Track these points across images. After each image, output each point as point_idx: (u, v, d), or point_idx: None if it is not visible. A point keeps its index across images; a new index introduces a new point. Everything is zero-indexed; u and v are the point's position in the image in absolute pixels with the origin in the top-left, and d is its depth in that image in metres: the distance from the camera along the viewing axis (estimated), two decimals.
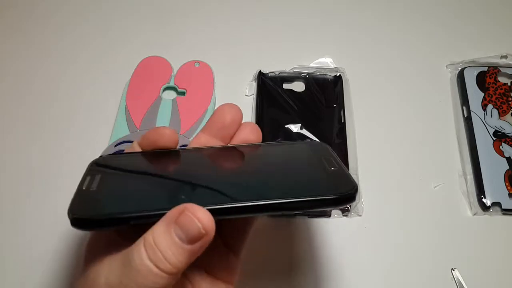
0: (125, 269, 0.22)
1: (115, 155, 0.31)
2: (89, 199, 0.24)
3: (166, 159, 0.28)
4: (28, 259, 0.38)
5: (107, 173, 0.26)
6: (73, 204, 0.23)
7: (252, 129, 0.29)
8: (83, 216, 0.23)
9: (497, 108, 0.44)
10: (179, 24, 0.51)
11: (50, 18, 0.52)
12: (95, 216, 0.23)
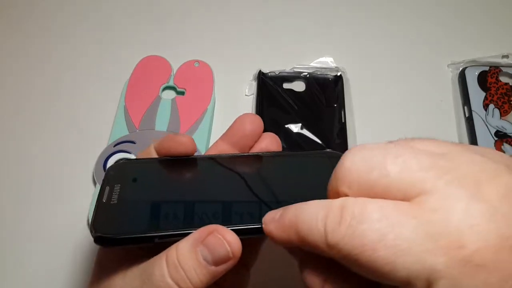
0: (144, 284, 0.21)
1: (132, 161, 0.29)
2: (111, 215, 0.23)
3: (186, 168, 0.28)
4: (27, 260, 0.38)
5: (127, 183, 0.26)
6: (95, 220, 0.23)
7: (272, 140, 0.29)
8: (107, 234, 0.22)
9: (498, 108, 0.44)
10: (178, 23, 0.51)
11: (49, 18, 0.52)
12: (119, 235, 0.22)
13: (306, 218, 0.18)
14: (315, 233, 0.17)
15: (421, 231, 0.16)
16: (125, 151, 0.41)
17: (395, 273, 0.16)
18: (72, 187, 0.41)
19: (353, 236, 0.16)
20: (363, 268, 0.16)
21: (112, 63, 0.48)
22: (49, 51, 0.49)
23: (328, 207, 0.18)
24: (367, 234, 0.16)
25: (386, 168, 0.17)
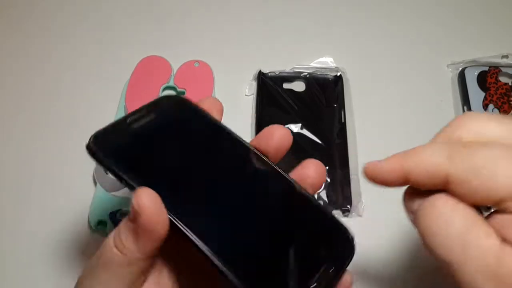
0: (99, 259, 0.23)
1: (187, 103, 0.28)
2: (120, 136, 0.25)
3: (216, 138, 0.26)
4: (27, 260, 0.38)
5: (160, 119, 0.26)
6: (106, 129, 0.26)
7: (316, 169, 0.27)
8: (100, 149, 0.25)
9: (498, 108, 0.44)
10: (178, 23, 0.51)
11: (49, 18, 0.52)
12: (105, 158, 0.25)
13: (425, 150, 0.21)
14: (439, 156, 0.21)
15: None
16: None
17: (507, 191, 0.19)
18: (72, 187, 0.41)
19: (478, 156, 0.20)
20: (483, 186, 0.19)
21: (112, 63, 0.48)
22: (49, 51, 0.49)
23: (445, 143, 0.22)
24: (492, 150, 0.20)
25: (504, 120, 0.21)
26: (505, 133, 0.21)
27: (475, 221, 0.20)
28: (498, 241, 0.19)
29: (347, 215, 0.39)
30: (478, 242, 0.19)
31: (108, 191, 0.39)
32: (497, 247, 0.19)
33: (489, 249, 0.19)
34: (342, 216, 0.39)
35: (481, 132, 0.21)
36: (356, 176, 0.40)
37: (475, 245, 0.19)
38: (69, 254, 0.38)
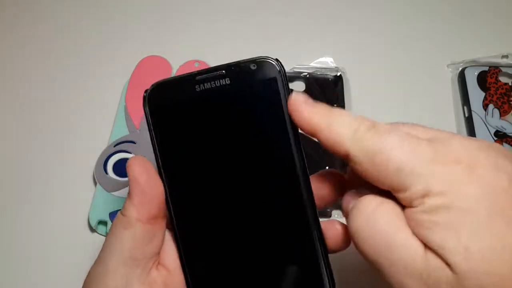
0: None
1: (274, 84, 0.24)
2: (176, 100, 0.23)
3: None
4: (27, 260, 0.38)
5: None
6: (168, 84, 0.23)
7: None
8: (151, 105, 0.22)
9: (498, 108, 0.44)
10: (178, 23, 0.51)
11: (49, 18, 0.52)
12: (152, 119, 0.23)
13: (342, 117, 0.21)
14: (347, 128, 0.21)
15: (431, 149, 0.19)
16: (126, 151, 0.41)
17: (403, 173, 0.19)
18: (72, 187, 0.41)
19: (379, 139, 0.20)
20: (376, 166, 0.20)
21: (112, 63, 0.48)
22: (49, 51, 0.49)
23: (364, 118, 0.21)
24: (391, 137, 0.20)
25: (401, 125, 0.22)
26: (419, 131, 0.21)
27: (400, 220, 0.20)
28: (421, 244, 0.19)
29: None
30: (403, 243, 0.19)
31: (108, 191, 0.39)
32: (422, 251, 0.19)
33: (415, 251, 0.19)
34: (342, 216, 0.39)
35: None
36: None
37: (400, 246, 0.19)
38: (69, 254, 0.38)
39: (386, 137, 0.20)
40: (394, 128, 0.21)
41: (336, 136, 0.21)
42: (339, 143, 0.21)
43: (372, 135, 0.20)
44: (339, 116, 0.21)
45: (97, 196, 0.39)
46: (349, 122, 0.21)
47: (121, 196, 0.39)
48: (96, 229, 0.38)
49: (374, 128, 0.20)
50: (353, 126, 0.21)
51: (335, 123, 0.21)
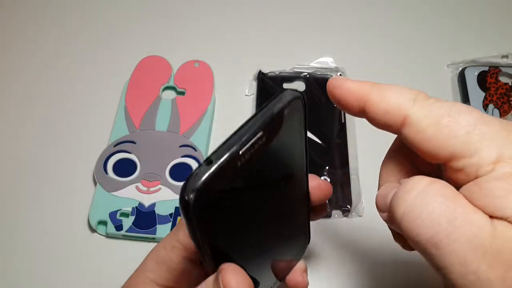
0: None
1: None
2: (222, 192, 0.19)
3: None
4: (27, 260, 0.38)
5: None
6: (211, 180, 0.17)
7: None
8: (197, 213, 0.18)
9: (498, 108, 0.44)
10: (178, 23, 0.51)
11: (49, 17, 0.52)
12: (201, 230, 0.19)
13: (393, 87, 0.21)
14: (404, 97, 0.20)
15: (499, 121, 0.19)
16: (125, 151, 0.41)
17: (472, 137, 0.18)
18: (72, 187, 0.41)
19: (442, 106, 0.19)
20: (441, 134, 0.19)
21: (112, 63, 0.48)
22: (49, 51, 0.49)
23: (416, 90, 0.21)
24: (456, 106, 0.19)
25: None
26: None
27: (457, 196, 0.18)
28: (487, 217, 0.17)
29: (347, 215, 0.39)
30: (467, 216, 0.17)
31: (108, 191, 0.39)
32: (488, 224, 0.17)
33: (480, 224, 0.17)
34: (342, 217, 0.39)
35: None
36: (356, 176, 0.40)
37: (464, 219, 0.17)
38: (69, 254, 0.38)
39: (452, 104, 0.19)
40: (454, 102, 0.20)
41: (391, 102, 0.20)
42: (396, 109, 0.20)
43: (435, 101, 0.20)
44: (389, 86, 0.21)
45: (97, 196, 0.39)
46: (404, 90, 0.21)
47: (121, 196, 0.39)
48: (96, 229, 0.38)
49: (433, 99, 0.20)
50: (410, 93, 0.20)
51: (388, 91, 0.21)
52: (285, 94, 0.20)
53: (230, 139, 0.18)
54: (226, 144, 0.18)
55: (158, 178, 0.39)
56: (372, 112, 0.21)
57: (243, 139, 0.18)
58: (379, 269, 0.37)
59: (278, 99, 0.20)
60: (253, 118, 0.19)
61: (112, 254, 0.38)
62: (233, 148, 0.18)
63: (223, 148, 0.18)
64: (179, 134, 0.42)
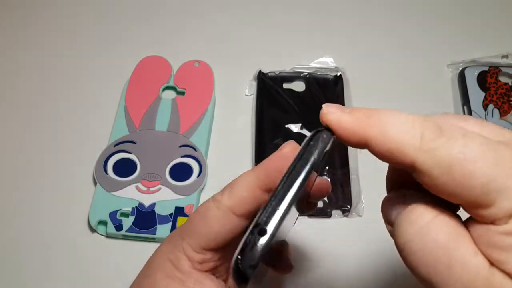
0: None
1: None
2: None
3: None
4: (27, 260, 0.38)
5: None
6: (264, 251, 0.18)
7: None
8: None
9: (498, 108, 0.44)
10: (178, 23, 0.51)
11: (49, 17, 0.52)
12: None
13: (395, 119, 0.18)
14: (408, 135, 0.17)
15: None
16: (126, 151, 0.41)
17: (488, 188, 0.16)
18: (72, 187, 0.41)
19: (453, 146, 0.17)
20: (454, 181, 0.17)
21: (112, 63, 0.48)
22: (49, 51, 0.49)
23: (423, 118, 0.18)
24: (469, 146, 0.16)
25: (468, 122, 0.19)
26: (485, 129, 0.18)
27: (460, 235, 0.17)
28: (486, 261, 0.17)
29: (347, 215, 0.39)
30: (464, 260, 0.17)
31: (108, 191, 0.39)
32: (486, 269, 0.16)
33: (477, 270, 0.16)
34: (342, 216, 0.39)
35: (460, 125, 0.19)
36: (356, 176, 0.40)
37: (461, 264, 0.17)
38: (69, 253, 0.38)
39: (464, 145, 0.17)
40: (465, 131, 0.17)
41: (396, 145, 0.18)
42: (401, 153, 0.17)
43: (445, 142, 0.17)
44: (392, 118, 0.18)
45: (97, 196, 0.39)
46: (410, 126, 0.18)
47: (121, 196, 0.39)
48: (96, 229, 0.38)
49: (442, 132, 0.17)
50: (416, 131, 0.17)
51: (391, 128, 0.18)
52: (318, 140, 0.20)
53: (277, 200, 0.18)
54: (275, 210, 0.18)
55: (158, 178, 0.39)
56: (376, 152, 0.18)
57: (289, 200, 0.19)
58: (379, 268, 0.37)
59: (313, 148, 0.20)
60: (294, 171, 0.19)
61: (112, 254, 0.38)
62: (282, 213, 0.18)
63: (272, 213, 0.18)
64: (179, 134, 0.42)
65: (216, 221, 0.24)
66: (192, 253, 0.24)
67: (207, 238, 0.24)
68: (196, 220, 0.24)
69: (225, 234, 0.24)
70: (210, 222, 0.24)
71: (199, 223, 0.24)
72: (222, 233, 0.24)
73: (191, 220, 0.24)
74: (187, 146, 0.41)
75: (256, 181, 0.24)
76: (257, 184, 0.24)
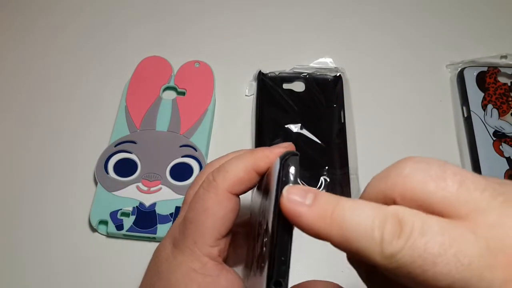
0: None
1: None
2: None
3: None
4: (27, 260, 0.38)
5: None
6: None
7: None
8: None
9: (497, 108, 0.44)
10: (179, 24, 0.51)
11: (49, 17, 0.52)
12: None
13: (356, 219, 0.17)
14: (368, 240, 0.17)
15: (481, 246, 0.15)
16: (126, 151, 0.41)
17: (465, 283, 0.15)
18: (73, 187, 0.41)
19: (412, 248, 0.16)
20: (418, 282, 0.16)
21: (113, 63, 0.48)
22: (48, 51, 0.49)
23: (383, 215, 0.17)
24: (429, 247, 0.16)
25: (445, 182, 0.17)
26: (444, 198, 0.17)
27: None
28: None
29: None
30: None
31: (109, 191, 0.39)
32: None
33: None
34: None
35: (419, 198, 0.17)
36: (355, 176, 0.41)
37: None
38: (70, 253, 0.38)
39: (423, 246, 0.16)
40: (427, 225, 0.16)
41: (356, 248, 0.17)
42: (363, 256, 0.17)
43: (403, 245, 0.16)
44: (352, 218, 0.17)
45: (98, 196, 0.39)
46: (369, 228, 0.17)
47: (122, 195, 0.39)
48: (97, 229, 0.38)
49: (403, 233, 0.16)
50: (375, 235, 0.16)
51: (349, 231, 0.17)
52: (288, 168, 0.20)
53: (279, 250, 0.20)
54: (281, 261, 0.20)
55: (158, 178, 0.40)
56: (340, 250, 0.18)
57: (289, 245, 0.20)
58: None
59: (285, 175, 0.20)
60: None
61: (112, 254, 0.38)
62: (288, 260, 0.20)
63: (280, 264, 0.20)
64: (180, 134, 0.42)
65: (218, 207, 0.24)
66: (210, 249, 0.24)
67: (218, 227, 0.24)
68: (200, 216, 0.24)
69: (230, 215, 0.24)
70: (214, 210, 0.24)
71: (205, 218, 0.24)
72: (228, 215, 0.24)
73: (194, 220, 0.24)
74: (187, 146, 0.41)
75: (253, 165, 0.24)
76: (254, 168, 0.24)
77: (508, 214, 0.16)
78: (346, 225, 0.17)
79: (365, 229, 0.17)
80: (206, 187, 0.24)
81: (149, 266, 0.26)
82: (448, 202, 0.17)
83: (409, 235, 0.16)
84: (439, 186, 0.17)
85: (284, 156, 0.21)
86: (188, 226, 0.24)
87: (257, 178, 0.24)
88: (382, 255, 0.16)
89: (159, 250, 0.25)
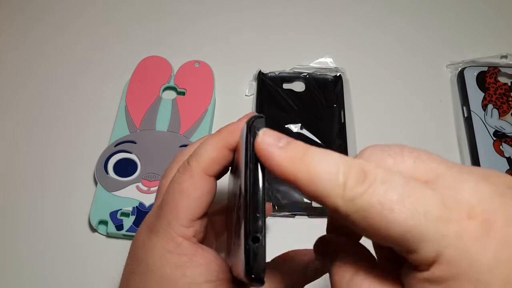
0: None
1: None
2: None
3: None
4: (27, 260, 0.38)
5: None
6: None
7: None
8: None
9: (497, 108, 0.44)
10: (179, 24, 0.51)
11: (49, 17, 0.52)
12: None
13: (323, 165, 0.18)
14: (332, 184, 0.17)
15: (438, 200, 0.16)
16: (126, 151, 0.41)
17: (407, 236, 0.16)
18: (73, 187, 0.41)
19: (372, 194, 0.17)
20: (374, 228, 0.17)
21: (113, 63, 0.48)
22: (48, 51, 0.49)
23: (350, 164, 0.18)
24: (388, 193, 0.16)
25: (402, 157, 0.18)
26: (402, 171, 0.18)
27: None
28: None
29: None
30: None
31: (109, 191, 0.39)
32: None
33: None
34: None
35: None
36: None
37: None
38: (69, 253, 0.38)
39: (383, 193, 0.16)
40: (389, 177, 0.17)
41: (320, 191, 0.17)
42: (325, 200, 0.18)
43: (365, 190, 0.17)
44: (320, 163, 0.18)
45: (98, 196, 0.39)
46: (334, 173, 0.17)
47: (122, 196, 0.39)
48: (97, 229, 0.38)
49: (366, 180, 0.17)
50: (339, 179, 0.17)
51: (316, 174, 0.18)
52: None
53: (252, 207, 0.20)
54: (256, 216, 0.20)
55: (158, 178, 0.40)
56: (304, 194, 0.18)
57: (262, 203, 0.20)
58: None
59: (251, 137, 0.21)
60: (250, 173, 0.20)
61: (112, 254, 0.38)
62: (263, 216, 0.20)
63: (255, 220, 0.20)
64: (180, 134, 0.42)
65: (194, 188, 0.24)
66: (185, 230, 0.24)
67: (193, 208, 0.24)
68: (175, 198, 0.24)
69: (206, 196, 0.24)
70: (189, 191, 0.24)
71: (180, 199, 0.24)
72: (203, 196, 0.24)
73: (169, 202, 0.24)
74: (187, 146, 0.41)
75: (222, 141, 0.25)
76: (223, 144, 0.25)
77: (462, 179, 0.17)
78: (313, 169, 0.18)
79: (330, 174, 0.17)
80: (182, 170, 0.25)
81: (128, 255, 0.26)
82: (407, 173, 0.18)
83: (371, 182, 0.17)
84: (397, 161, 0.18)
85: (249, 121, 0.21)
86: (164, 208, 0.24)
87: (230, 155, 0.25)
88: (344, 198, 0.17)
89: (135, 237, 0.26)
